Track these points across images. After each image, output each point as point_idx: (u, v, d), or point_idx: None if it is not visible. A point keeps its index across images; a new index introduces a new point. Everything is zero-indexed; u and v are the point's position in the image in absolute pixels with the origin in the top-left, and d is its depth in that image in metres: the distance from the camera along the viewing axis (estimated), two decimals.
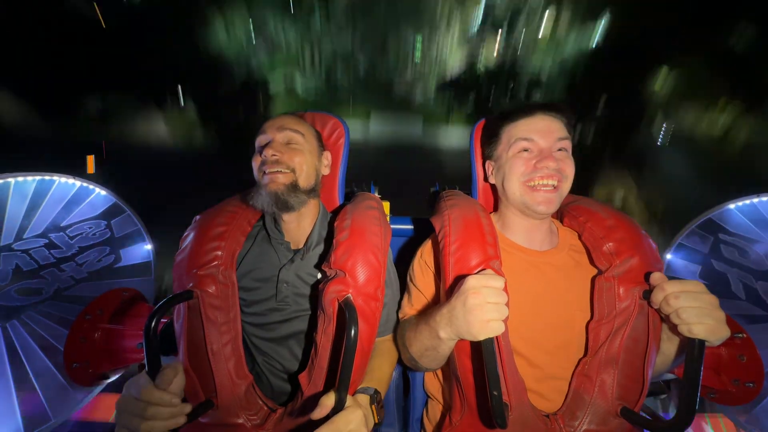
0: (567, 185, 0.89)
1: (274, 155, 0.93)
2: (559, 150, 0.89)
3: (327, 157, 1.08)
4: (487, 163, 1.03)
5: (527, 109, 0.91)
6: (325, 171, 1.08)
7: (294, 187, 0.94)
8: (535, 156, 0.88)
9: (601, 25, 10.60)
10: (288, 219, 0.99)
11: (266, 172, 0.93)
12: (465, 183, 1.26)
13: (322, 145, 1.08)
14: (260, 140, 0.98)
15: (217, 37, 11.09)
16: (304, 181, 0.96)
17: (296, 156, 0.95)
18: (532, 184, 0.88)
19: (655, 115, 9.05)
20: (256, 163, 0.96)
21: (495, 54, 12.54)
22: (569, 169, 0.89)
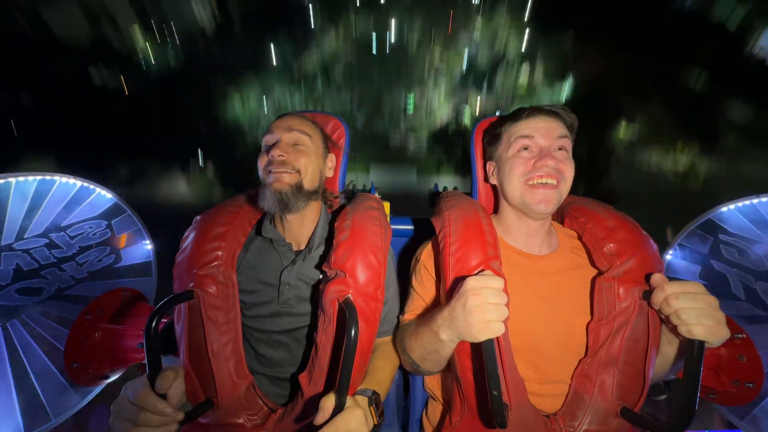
0: (566, 187, 0.90)
1: (281, 156, 0.92)
2: (560, 149, 0.89)
3: (332, 159, 1.08)
4: (488, 164, 1.03)
5: (529, 110, 0.92)
6: (329, 173, 1.07)
7: (298, 188, 0.93)
8: (535, 155, 0.89)
9: (568, 84, 12.27)
10: (291, 219, 0.99)
11: (272, 171, 0.92)
12: None
13: (328, 147, 1.07)
14: (267, 140, 0.97)
15: (233, 108, 12.79)
16: (309, 182, 0.96)
17: (302, 157, 0.95)
18: (532, 183, 0.88)
19: (622, 159, 10.61)
20: (261, 163, 0.95)
21: (477, 108, 13.82)
22: (568, 171, 0.89)
